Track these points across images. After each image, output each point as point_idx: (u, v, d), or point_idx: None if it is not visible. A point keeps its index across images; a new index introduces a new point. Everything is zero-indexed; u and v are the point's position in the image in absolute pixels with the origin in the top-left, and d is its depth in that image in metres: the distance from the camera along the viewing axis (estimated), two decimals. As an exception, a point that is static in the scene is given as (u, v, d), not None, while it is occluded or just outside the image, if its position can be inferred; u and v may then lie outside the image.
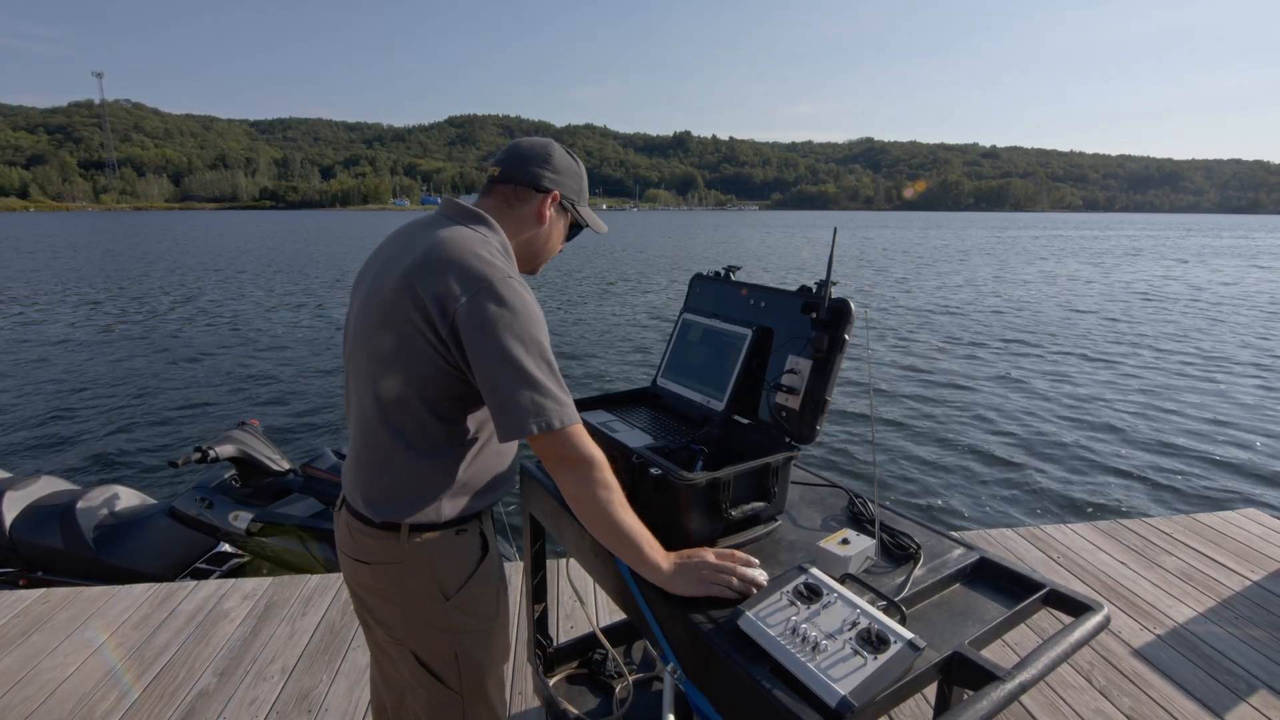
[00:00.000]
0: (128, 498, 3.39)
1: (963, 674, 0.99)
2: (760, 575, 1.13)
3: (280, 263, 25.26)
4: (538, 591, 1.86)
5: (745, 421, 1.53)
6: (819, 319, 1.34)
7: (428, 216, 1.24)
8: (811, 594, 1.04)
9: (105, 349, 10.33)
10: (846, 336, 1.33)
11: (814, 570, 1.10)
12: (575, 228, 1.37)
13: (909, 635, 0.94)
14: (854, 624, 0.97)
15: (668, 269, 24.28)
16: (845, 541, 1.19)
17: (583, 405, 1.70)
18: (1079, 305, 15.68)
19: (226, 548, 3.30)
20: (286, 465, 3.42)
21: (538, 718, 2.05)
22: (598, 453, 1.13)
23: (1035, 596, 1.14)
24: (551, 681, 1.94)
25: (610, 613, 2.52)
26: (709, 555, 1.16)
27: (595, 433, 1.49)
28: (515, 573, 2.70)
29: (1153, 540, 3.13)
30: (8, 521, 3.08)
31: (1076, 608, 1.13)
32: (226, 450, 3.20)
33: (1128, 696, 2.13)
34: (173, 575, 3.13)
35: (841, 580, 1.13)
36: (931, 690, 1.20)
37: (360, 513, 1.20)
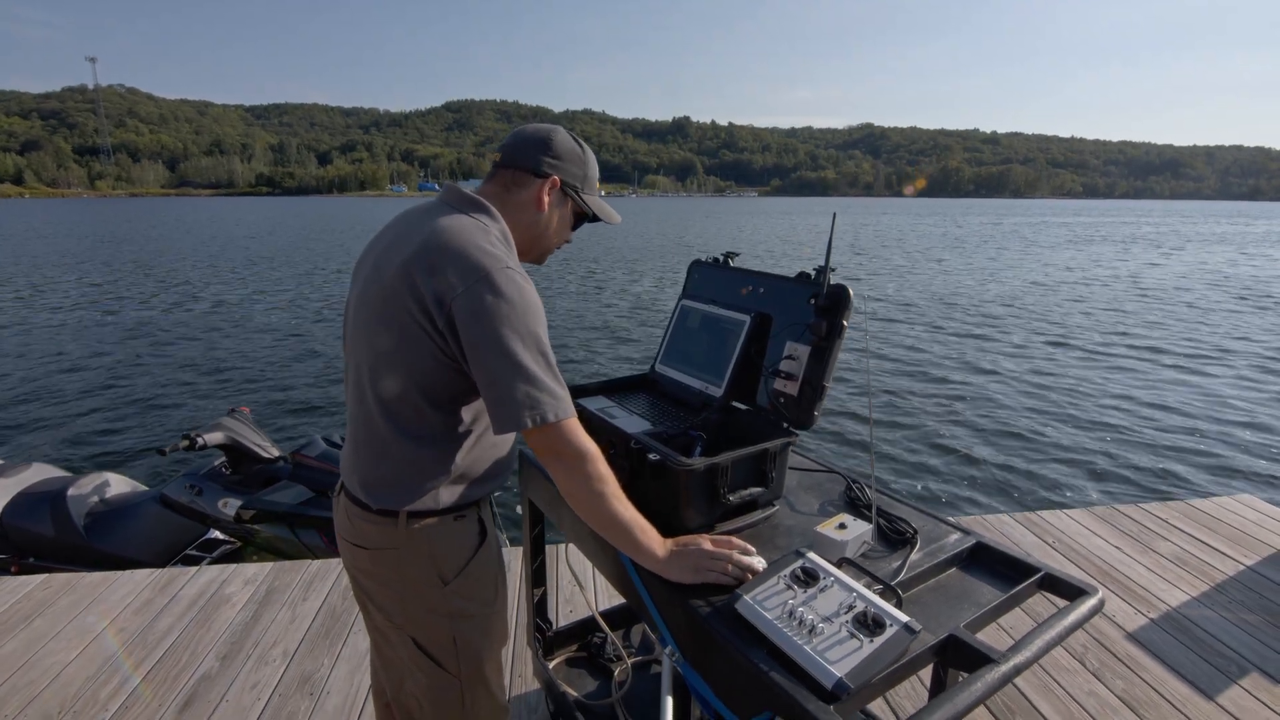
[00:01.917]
0: (119, 485, 3.39)
1: (958, 656, 1.00)
2: (757, 562, 1.13)
3: (275, 250, 25.15)
4: (537, 576, 1.87)
5: (743, 407, 1.53)
6: (818, 305, 1.34)
7: (428, 203, 1.22)
8: (808, 578, 1.05)
9: (98, 336, 10.31)
10: (845, 322, 1.32)
11: (811, 555, 1.10)
12: (583, 216, 1.33)
13: (905, 618, 0.95)
14: (850, 607, 0.98)
15: (666, 255, 24.21)
16: (842, 526, 1.20)
17: (581, 391, 1.70)
18: (1075, 293, 15.67)
19: (216, 534, 3.31)
20: (276, 452, 3.43)
21: (537, 700, 2.07)
22: (591, 446, 1.13)
23: (1030, 580, 1.15)
24: (551, 665, 1.96)
25: (609, 597, 2.54)
26: (705, 542, 1.16)
27: (594, 419, 1.50)
28: (515, 558, 2.72)
29: (1148, 526, 3.15)
30: None
31: (1071, 592, 1.14)
32: (215, 437, 3.21)
33: (1121, 679, 2.15)
34: (163, 562, 3.15)
35: (838, 564, 1.14)
36: (927, 673, 1.22)
37: (358, 498, 1.20)
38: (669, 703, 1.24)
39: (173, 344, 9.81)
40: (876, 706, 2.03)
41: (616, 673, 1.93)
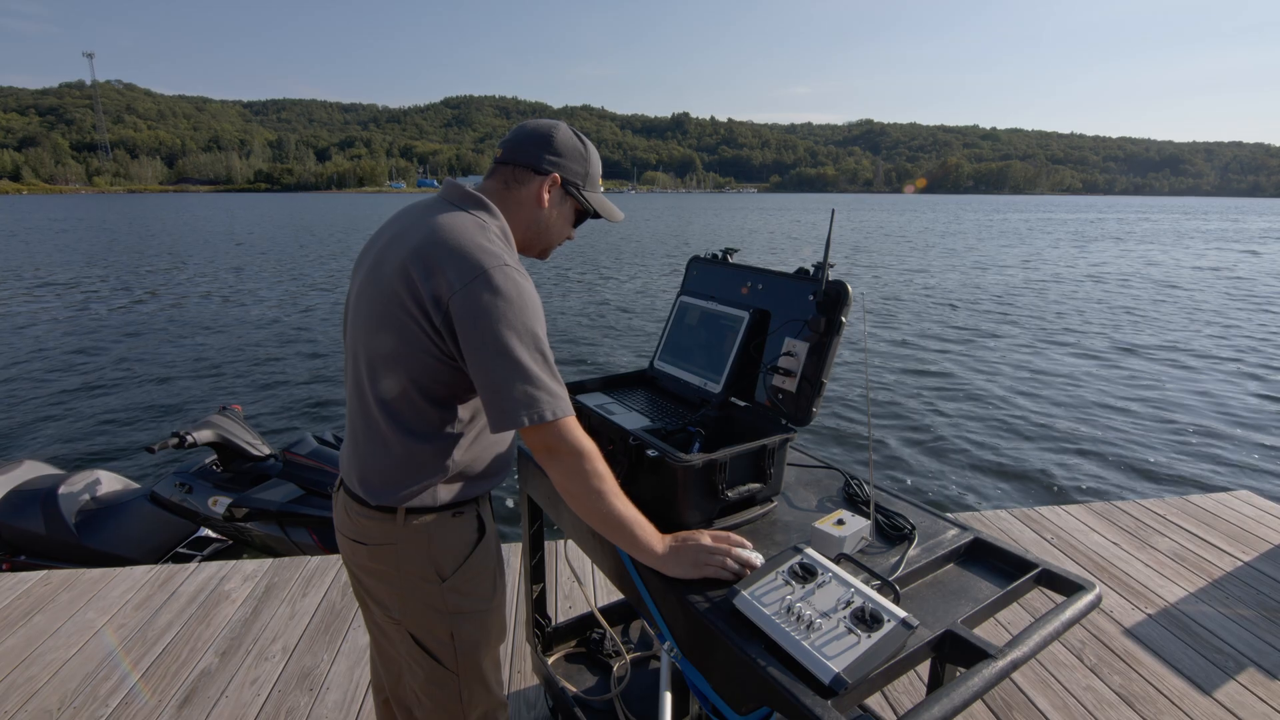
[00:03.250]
0: (110, 482, 3.39)
1: (955, 652, 1.00)
2: (754, 557, 1.14)
3: (270, 247, 25.06)
4: (536, 572, 1.88)
5: (742, 404, 1.53)
6: (816, 301, 1.34)
7: (428, 199, 1.22)
8: (806, 574, 1.05)
9: (89, 333, 10.27)
10: (843, 319, 1.33)
11: (809, 550, 1.10)
12: (584, 213, 1.31)
13: (902, 614, 0.95)
14: (848, 603, 0.98)
15: (665, 251, 24.18)
16: (840, 522, 1.20)
17: (579, 388, 1.70)
18: (1073, 289, 15.67)
19: (207, 533, 3.32)
20: (266, 450, 3.42)
21: (536, 696, 2.07)
22: (589, 444, 1.13)
23: (1028, 576, 1.15)
24: (550, 660, 1.97)
25: (608, 593, 2.54)
26: (704, 538, 1.16)
27: (592, 415, 1.50)
28: (514, 554, 2.72)
29: (1145, 521, 3.15)
30: None
31: (1068, 587, 1.14)
32: (205, 435, 3.21)
33: (1118, 674, 2.16)
34: (154, 560, 3.15)
35: (836, 560, 1.14)
36: (925, 668, 1.22)
37: (357, 494, 1.20)
38: (667, 698, 1.24)
39: (164, 341, 9.77)
40: (874, 702, 2.04)
41: (615, 668, 1.94)
